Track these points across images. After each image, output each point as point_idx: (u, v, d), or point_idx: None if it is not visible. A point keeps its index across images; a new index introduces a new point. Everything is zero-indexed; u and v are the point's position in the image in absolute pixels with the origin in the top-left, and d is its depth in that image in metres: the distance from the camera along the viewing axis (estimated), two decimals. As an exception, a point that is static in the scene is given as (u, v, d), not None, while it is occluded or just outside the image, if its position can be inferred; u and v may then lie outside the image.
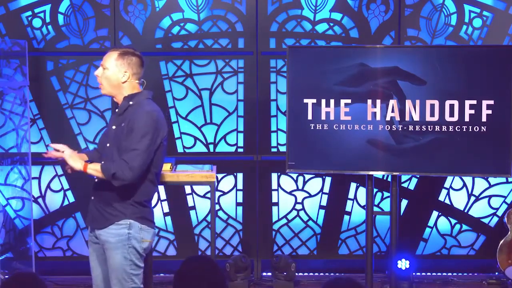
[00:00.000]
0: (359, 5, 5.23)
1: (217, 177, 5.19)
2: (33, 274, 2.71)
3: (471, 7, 5.23)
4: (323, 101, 4.58)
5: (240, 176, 5.36)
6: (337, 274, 5.42)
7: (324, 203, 5.38)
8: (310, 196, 5.38)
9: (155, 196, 5.24)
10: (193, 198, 5.36)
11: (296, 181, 5.38)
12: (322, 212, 5.39)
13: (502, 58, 4.43)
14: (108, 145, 3.54)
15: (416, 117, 4.50)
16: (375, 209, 5.16)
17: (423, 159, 4.52)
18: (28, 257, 5.05)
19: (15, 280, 2.58)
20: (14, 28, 5.21)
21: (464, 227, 5.38)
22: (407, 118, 4.51)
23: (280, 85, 5.27)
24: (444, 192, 5.37)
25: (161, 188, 5.29)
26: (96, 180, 3.54)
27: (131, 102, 3.51)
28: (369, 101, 4.53)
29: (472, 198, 5.36)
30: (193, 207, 5.37)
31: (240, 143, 5.33)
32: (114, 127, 3.53)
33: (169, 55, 5.27)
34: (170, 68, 5.28)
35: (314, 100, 4.59)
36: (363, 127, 4.55)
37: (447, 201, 5.37)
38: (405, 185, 5.35)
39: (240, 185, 5.36)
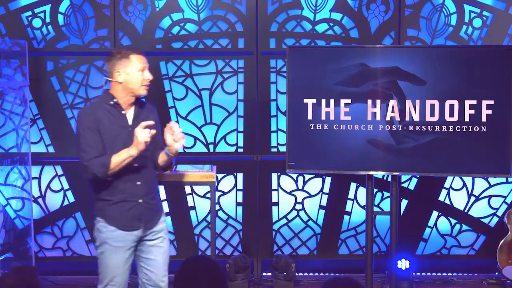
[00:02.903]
0: (359, 5, 5.23)
1: (217, 177, 5.20)
2: (33, 268, 2.73)
3: (471, 7, 5.23)
4: (323, 101, 4.58)
5: (240, 176, 5.36)
6: (337, 274, 5.42)
7: (324, 203, 5.38)
8: (310, 196, 5.38)
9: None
10: (193, 198, 5.36)
11: (296, 181, 5.38)
12: (322, 212, 5.39)
13: (502, 58, 4.43)
14: None
15: (416, 117, 4.50)
16: (375, 209, 5.17)
17: (423, 159, 4.52)
18: (28, 257, 5.05)
19: (14, 273, 2.61)
20: (14, 28, 5.21)
21: (464, 227, 5.38)
22: (407, 118, 4.51)
23: (280, 85, 5.27)
24: (444, 192, 5.37)
25: (161, 188, 5.26)
26: (139, 183, 3.54)
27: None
28: (369, 101, 4.53)
29: (472, 198, 5.36)
30: (193, 207, 5.37)
31: (240, 143, 5.33)
32: (130, 128, 3.53)
33: (169, 55, 5.27)
34: (170, 68, 5.28)
35: (314, 100, 4.59)
36: (363, 127, 4.55)
37: (447, 201, 5.37)
38: (405, 185, 5.35)
39: (240, 185, 5.36)
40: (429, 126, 4.50)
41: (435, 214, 5.39)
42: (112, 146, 3.48)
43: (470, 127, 4.47)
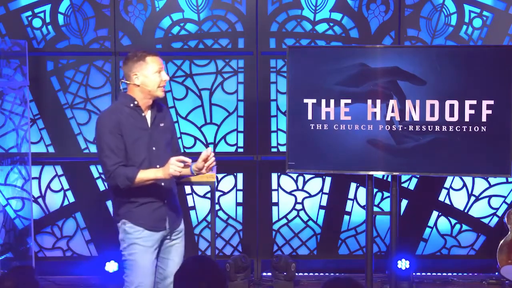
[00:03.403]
0: (359, 5, 5.23)
1: (217, 177, 5.19)
2: (31, 268, 2.74)
3: (471, 7, 5.22)
4: (323, 101, 4.58)
5: (240, 176, 5.36)
6: (337, 274, 5.42)
7: (324, 203, 5.38)
8: (310, 196, 5.38)
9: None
10: (193, 198, 5.36)
11: (296, 181, 5.38)
12: (322, 212, 5.39)
13: (502, 58, 4.43)
14: (154, 148, 3.52)
15: (416, 117, 4.50)
16: (375, 209, 5.16)
17: (423, 159, 4.52)
18: (28, 257, 5.05)
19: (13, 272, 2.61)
20: (14, 28, 5.21)
21: (464, 227, 5.38)
22: (407, 118, 4.51)
23: (280, 85, 5.27)
24: (444, 192, 5.37)
25: (161, 188, 5.29)
26: (163, 184, 3.52)
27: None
28: (369, 101, 4.53)
29: (472, 198, 5.36)
30: (193, 207, 5.37)
31: (240, 143, 5.33)
32: (150, 130, 3.53)
33: (169, 55, 5.26)
34: (170, 68, 5.28)
35: (314, 100, 4.59)
36: (363, 127, 4.55)
37: (447, 201, 5.37)
38: (405, 185, 5.35)
39: (240, 185, 5.36)
40: (429, 126, 4.50)
41: (435, 214, 5.39)
42: (133, 149, 3.46)
43: (470, 127, 4.47)
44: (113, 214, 3.62)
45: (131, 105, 3.50)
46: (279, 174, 5.35)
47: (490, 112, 4.44)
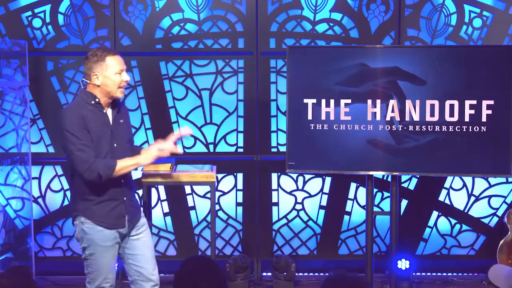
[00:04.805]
0: (359, 5, 5.23)
1: (217, 177, 5.20)
2: (28, 268, 2.73)
3: (471, 7, 5.22)
4: (323, 101, 4.58)
5: (240, 176, 5.36)
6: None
7: (324, 203, 5.38)
8: (310, 196, 5.38)
9: (155, 196, 5.27)
10: (193, 198, 5.36)
11: (296, 181, 5.38)
12: (322, 212, 5.39)
13: (502, 58, 4.43)
14: (115, 145, 3.54)
15: (416, 117, 4.50)
16: (375, 209, 5.16)
17: (423, 159, 4.52)
18: (28, 257, 5.05)
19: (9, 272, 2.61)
20: (14, 28, 5.21)
21: (464, 227, 5.38)
22: (407, 118, 4.51)
23: (280, 85, 5.27)
24: (444, 192, 5.37)
25: (161, 188, 5.29)
26: (123, 181, 3.56)
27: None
28: (369, 101, 4.53)
29: (472, 198, 5.36)
30: (193, 207, 5.37)
31: (240, 143, 5.33)
32: (112, 127, 3.55)
33: (169, 55, 5.26)
34: (170, 68, 5.28)
35: (314, 100, 4.59)
36: (363, 127, 4.55)
37: (447, 201, 5.37)
38: (405, 185, 5.35)
39: (240, 185, 5.36)
40: (429, 126, 4.50)
41: (435, 214, 5.39)
42: (97, 145, 3.47)
43: (470, 127, 4.47)
44: (71, 209, 3.63)
45: (92, 102, 3.51)
46: (279, 174, 5.34)
47: (490, 112, 4.44)
